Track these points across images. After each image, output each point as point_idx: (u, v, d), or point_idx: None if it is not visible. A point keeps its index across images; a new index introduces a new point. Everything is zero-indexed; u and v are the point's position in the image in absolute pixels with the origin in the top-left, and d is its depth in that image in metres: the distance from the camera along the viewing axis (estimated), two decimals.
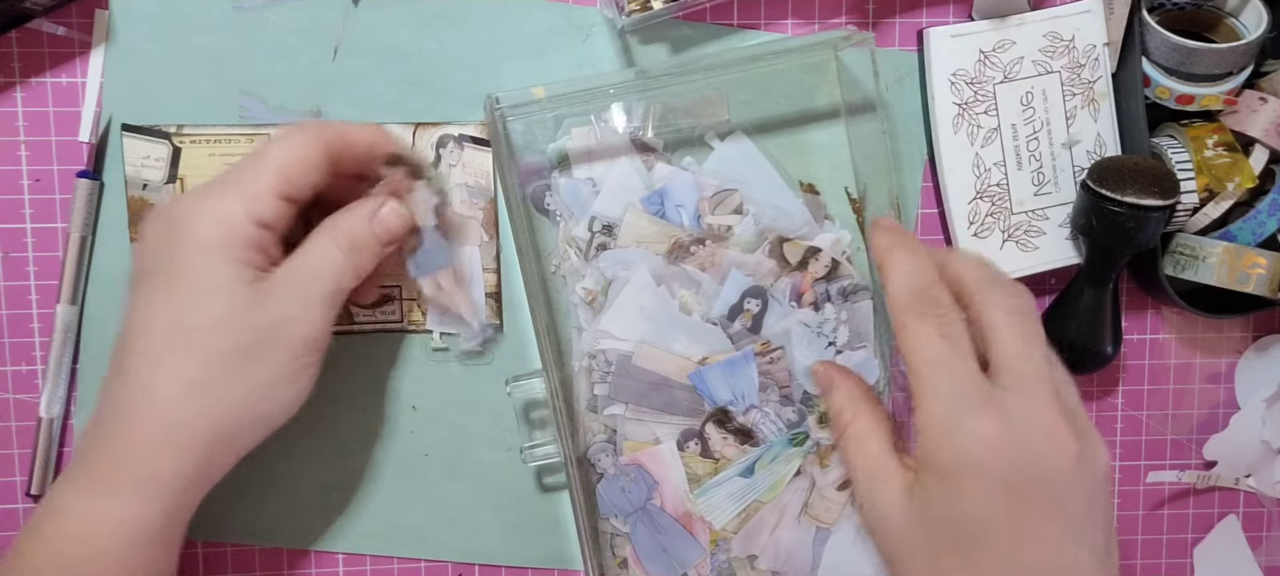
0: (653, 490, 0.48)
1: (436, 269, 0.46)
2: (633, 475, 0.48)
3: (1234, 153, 0.49)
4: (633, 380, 0.47)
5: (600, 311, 0.47)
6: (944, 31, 0.48)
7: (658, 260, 0.47)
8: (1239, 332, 0.54)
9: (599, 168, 0.47)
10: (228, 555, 0.48)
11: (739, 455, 0.49)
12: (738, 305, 0.48)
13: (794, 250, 0.48)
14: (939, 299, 0.38)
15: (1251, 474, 0.54)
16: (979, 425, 0.36)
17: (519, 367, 0.48)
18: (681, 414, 0.48)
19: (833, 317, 0.49)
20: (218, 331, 0.37)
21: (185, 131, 0.45)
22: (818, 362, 0.45)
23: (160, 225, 0.38)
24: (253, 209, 0.38)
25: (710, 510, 0.48)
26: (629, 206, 0.47)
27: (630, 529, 0.48)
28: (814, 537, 0.49)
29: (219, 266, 0.37)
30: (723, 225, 0.48)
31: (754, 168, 0.48)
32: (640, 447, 0.48)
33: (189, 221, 0.38)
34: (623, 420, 0.48)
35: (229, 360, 0.37)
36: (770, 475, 0.49)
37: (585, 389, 0.48)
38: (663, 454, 0.48)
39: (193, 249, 0.37)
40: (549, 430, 0.48)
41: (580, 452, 0.48)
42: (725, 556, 0.49)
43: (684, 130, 0.48)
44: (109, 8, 0.45)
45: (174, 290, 0.37)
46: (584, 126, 0.47)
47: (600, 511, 0.48)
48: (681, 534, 0.49)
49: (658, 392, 0.48)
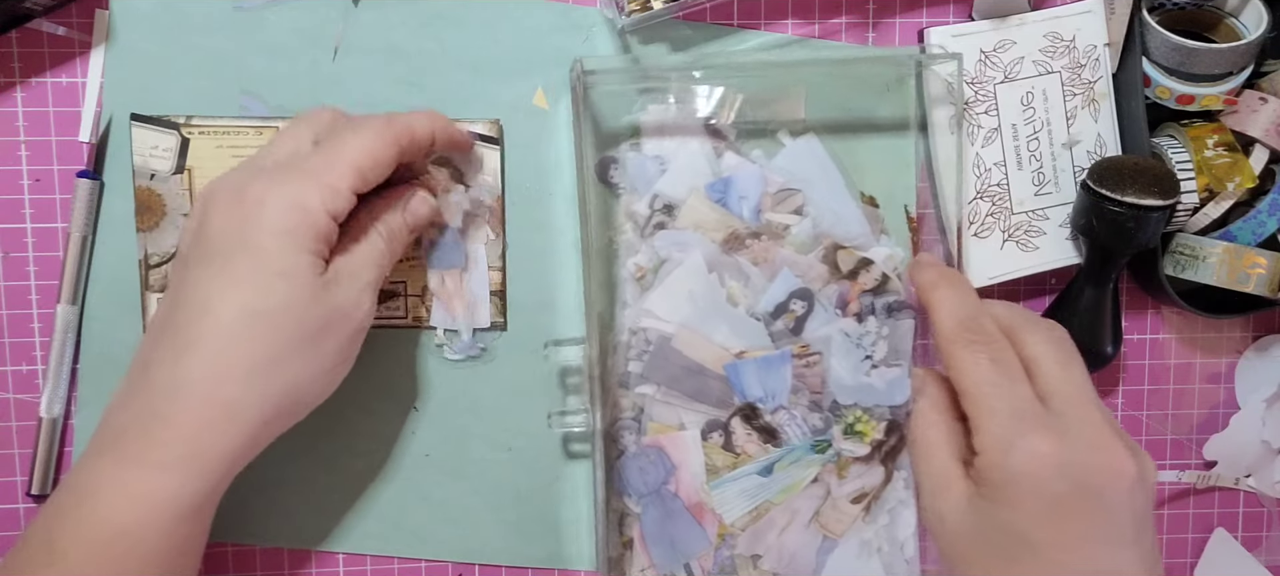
0: (670, 475, 0.48)
1: (448, 267, 0.46)
2: (653, 457, 0.48)
3: (1234, 153, 0.49)
4: (668, 363, 0.48)
5: (648, 289, 0.47)
6: (944, 31, 0.48)
7: (712, 247, 0.48)
8: (1239, 332, 0.54)
9: (668, 146, 0.48)
10: (228, 555, 0.48)
11: (760, 453, 0.49)
12: (783, 304, 0.48)
13: (847, 258, 0.49)
14: (986, 327, 0.41)
15: (1251, 474, 0.54)
16: (1036, 443, 0.37)
17: (519, 368, 0.48)
18: (710, 403, 0.48)
19: (874, 331, 0.49)
20: (287, 318, 0.37)
21: (194, 122, 0.45)
22: (922, 368, 0.46)
23: (230, 206, 0.38)
24: (329, 201, 0.38)
25: (722, 503, 0.48)
26: (692, 190, 0.48)
27: (641, 510, 0.48)
28: (819, 546, 0.49)
29: (292, 255, 0.37)
30: (781, 223, 0.48)
31: (820, 170, 0.49)
32: (665, 431, 0.48)
33: (264, 206, 0.37)
34: (651, 400, 0.48)
35: (293, 347, 0.38)
36: (787, 477, 0.49)
37: (620, 363, 0.48)
38: (685, 440, 0.48)
39: (268, 234, 0.37)
40: (580, 398, 0.48)
41: (606, 426, 0.48)
42: (729, 552, 0.49)
43: (759, 123, 0.48)
44: (109, 8, 0.45)
45: (245, 273, 0.37)
46: (660, 104, 0.48)
47: (615, 488, 0.48)
48: (691, 523, 0.49)
49: (691, 379, 0.48)
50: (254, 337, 0.37)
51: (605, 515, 0.47)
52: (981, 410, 0.39)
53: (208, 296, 0.37)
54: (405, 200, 0.43)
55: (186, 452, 0.37)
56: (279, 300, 0.37)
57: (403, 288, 0.47)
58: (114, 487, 0.36)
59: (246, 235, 0.37)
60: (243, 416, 0.38)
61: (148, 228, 0.46)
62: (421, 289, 0.47)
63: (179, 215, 0.46)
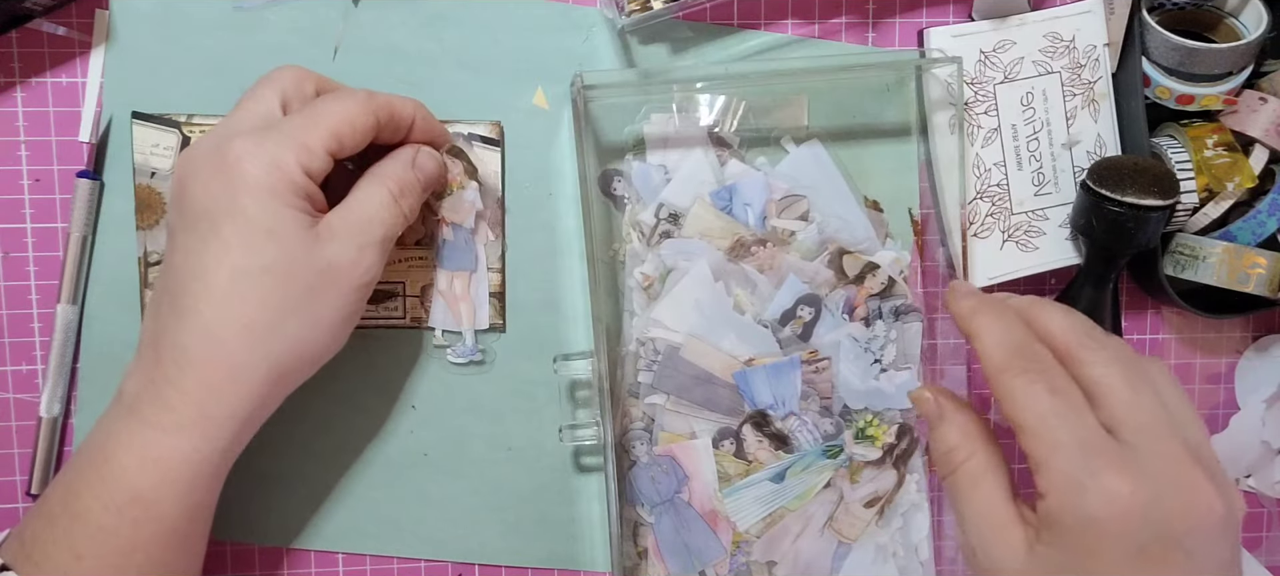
0: (683, 484, 0.48)
1: (459, 268, 0.47)
2: (665, 466, 0.48)
3: (1234, 153, 0.49)
4: (678, 372, 0.48)
5: (655, 299, 0.48)
6: (944, 31, 0.48)
7: (718, 255, 0.48)
8: (1239, 332, 0.54)
9: (673, 156, 0.48)
10: (228, 555, 0.48)
11: (772, 460, 0.49)
12: (791, 310, 0.48)
13: (853, 263, 0.49)
14: (1038, 353, 0.36)
15: (1251, 474, 0.54)
16: (1112, 485, 0.33)
17: (519, 370, 0.48)
18: (721, 412, 0.48)
19: (882, 336, 0.49)
20: (278, 274, 0.38)
21: (195, 121, 0.45)
22: (921, 387, 0.40)
23: (209, 171, 0.38)
24: (304, 159, 0.38)
25: (736, 511, 0.49)
26: (697, 198, 0.48)
27: (655, 520, 0.48)
28: (834, 552, 0.50)
29: (276, 210, 0.38)
30: (787, 229, 0.48)
31: (825, 176, 0.49)
32: (676, 440, 0.48)
33: (243, 165, 0.37)
34: (662, 410, 0.48)
35: (289, 303, 0.38)
36: (800, 484, 0.49)
37: (629, 373, 0.48)
38: (697, 449, 0.48)
39: (250, 193, 0.37)
40: (590, 411, 0.49)
41: (617, 437, 0.48)
42: (745, 559, 0.49)
43: (762, 130, 0.49)
44: (109, 8, 0.45)
45: (231, 235, 0.37)
46: (664, 113, 0.48)
47: (627, 498, 0.48)
48: (705, 531, 0.49)
49: (700, 387, 0.48)
50: (247, 298, 0.37)
51: (619, 525, 0.47)
52: (1044, 445, 0.34)
53: (199, 261, 0.38)
54: (413, 154, 0.43)
55: (197, 414, 0.38)
56: (269, 258, 0.37)
57: (401, 288, 0.47)
58: (129, 450, 0.37)
59: (228, 198, 0.37)
60: (248, 377, 0.38)
61: (148, 226, 0.46)
62: (420, 289, 0.47)
63: None
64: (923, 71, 0.48)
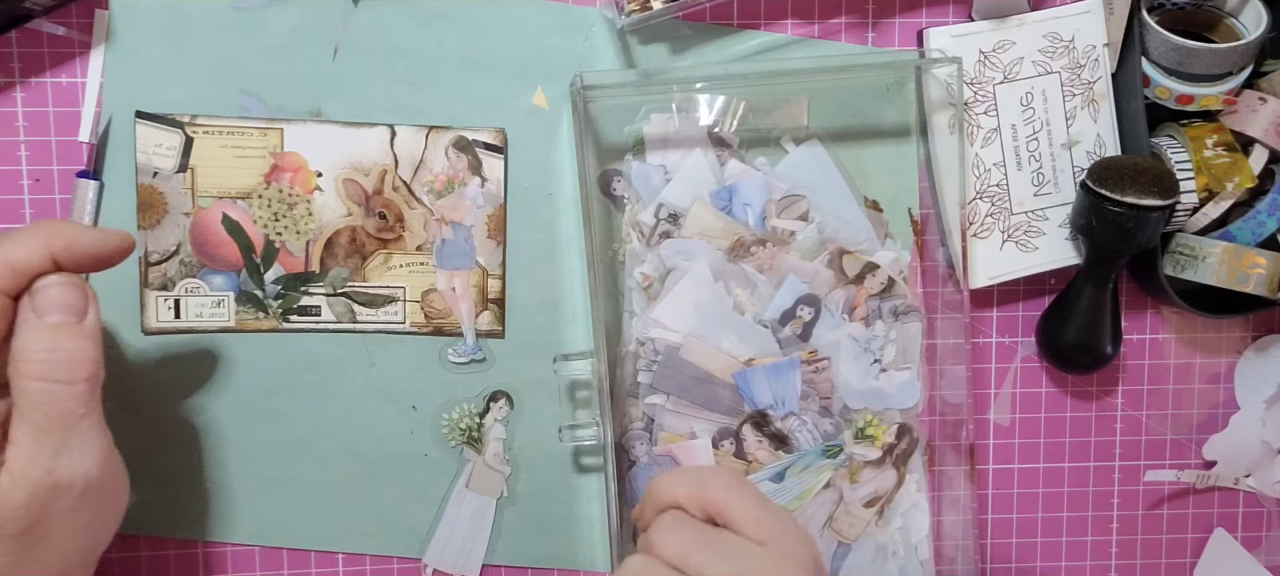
0: None
1: (457, 268, 0.46)
2: (665, 466, 0.48)
3: (1233, 153, 0.49)
4: (678, 373, 0.48)
5: (655, 299, 0.48)
6: (944, 32, 0.48)
7: (718, 255, 0.48)
8: (1239, 332, 0.54)
9: (672, 156, 0.48)
10: (228, 555, 0.48)
11: (772, 460, 0.49)
12: (790, 310, 0.48)
13: (853, 263, 0.49)
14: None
15: (1251, 474, 0.54)
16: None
17: (519, 372, 0.48)
18: (721, 412, 0.48)
19: (881, 335, 0.49)
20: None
21: (198, 121, 0.45)
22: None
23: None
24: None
25: None
26: (697, 198, 0.48)
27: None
28: (834, 551, 0.50)
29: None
30: (787, 229, 0.48)
31: (824, 176, 0.49)
32: (676, 440, 0.48)
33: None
34: (662, 410, 0.48)
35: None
36: (800, 483, 0.49)
37: (629, 373, 0.48)
38: (696, 449, 0.48)
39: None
40: (590, 411, 0.48)
41: (617, 437, 0.48)
42: None
43: (762, 130, 0.48)
44: (109, 8, 0.45)
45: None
46: (663, 113, 0.48)
47: (627, 498, 0.48)
48: None
49: (700, 388, 0.48)
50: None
51: (619, 525, 0.47)
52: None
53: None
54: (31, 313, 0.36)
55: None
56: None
57: (402, 293, 0.47)
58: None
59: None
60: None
61: (149, 225, 0.46)
62: (421, 294, 0.47)
63: (180, 213, 0.46)
64: (922, 72, 0.48)
